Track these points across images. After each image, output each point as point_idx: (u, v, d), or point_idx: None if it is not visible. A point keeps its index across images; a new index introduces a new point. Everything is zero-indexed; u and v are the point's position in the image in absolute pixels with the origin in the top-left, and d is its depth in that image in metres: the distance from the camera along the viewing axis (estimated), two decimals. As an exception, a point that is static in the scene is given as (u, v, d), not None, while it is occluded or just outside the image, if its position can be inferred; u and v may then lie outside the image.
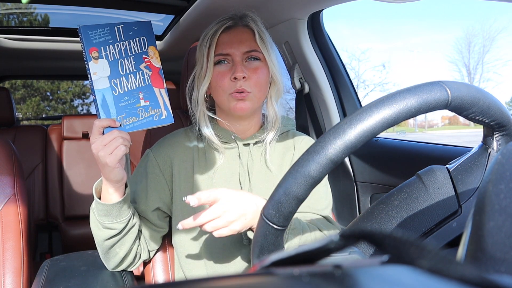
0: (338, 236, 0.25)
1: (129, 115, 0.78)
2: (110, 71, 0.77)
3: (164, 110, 0.81)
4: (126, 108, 0.78)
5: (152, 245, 0.94)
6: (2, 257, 1.00)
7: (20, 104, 13.82)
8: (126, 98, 0.78)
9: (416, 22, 66.72)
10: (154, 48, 0.82)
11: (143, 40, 0.80)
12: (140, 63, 0.80)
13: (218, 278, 0.21)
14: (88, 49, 0.76)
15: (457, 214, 0.51)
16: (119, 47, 0.78)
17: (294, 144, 0.98)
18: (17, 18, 2.13)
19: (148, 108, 0.80)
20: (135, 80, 0.79)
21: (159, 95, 0.81)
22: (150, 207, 0.90)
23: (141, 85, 0.80)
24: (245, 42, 0.87)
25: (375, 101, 0.44)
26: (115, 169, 0.75)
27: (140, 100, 0.79)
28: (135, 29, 0.80)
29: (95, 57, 0.76)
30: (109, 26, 0.77)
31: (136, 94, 0.79)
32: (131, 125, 0.78)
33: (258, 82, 0.87)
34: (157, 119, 0.81)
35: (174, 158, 0.93)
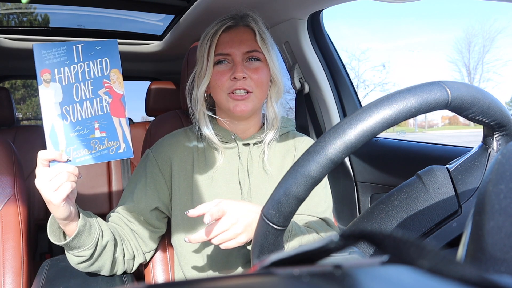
0: (338, 236, 0.25)
1: (80, 147, 0.70)
2: (63, 97, 0.69)
3: (123, 143, 0.73)
4: (78, 139, 0.70)
5: (149, 246, 0.94)
6: (2, 257, 1.00)
7: (20, 104, 13.82)
8: (79, 127, 0.70)
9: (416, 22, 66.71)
10: (118, 71, 0.72)
11: (106, 62, 0.71)
12: (98, 88, 0.71)
13: (218, 278, 0.21)
14: (39, 70, 0.68)
15: (457, 214, 0.51)
16: (76, 70, 0.70)
17: (295, 145, 0.98)
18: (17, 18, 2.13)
19: (104, 140, 0.71)
20: (91, 107, 0.70)
21: (118, 125, 0.72)
22: (149, 206, 0.90)
23: (98, 114, 0.71)
24: (245, 42, 0.87)
25: (375, 101, 0.44)
26: (60, 207, 0.69)
27: (95, 130, 0.71)
28: (97, 49, 0.71)
29: (47, 80, 0.69)
30: (66, 45, 0.69)
31: (90, 123, 0.70)
32: (81, 158, 0.70)
33: (259, 82, 0.87)
34: (113, 153, 0.72)
35: (173, 158, 0.93)
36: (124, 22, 1.80)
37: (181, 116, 1.24)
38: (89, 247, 0.78)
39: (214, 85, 0.88)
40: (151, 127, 1.20)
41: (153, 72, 2.49)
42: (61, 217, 0.72)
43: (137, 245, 0.91)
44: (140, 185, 0.92)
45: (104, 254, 0.83)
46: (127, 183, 0.96)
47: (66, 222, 0.74)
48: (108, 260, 0.84)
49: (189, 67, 1.08)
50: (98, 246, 0.80)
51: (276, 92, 0.92)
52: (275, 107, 0.93)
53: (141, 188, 0.91)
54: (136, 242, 0.91)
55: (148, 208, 0.90)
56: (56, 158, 0.68)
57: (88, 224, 0.78)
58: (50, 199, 0.68)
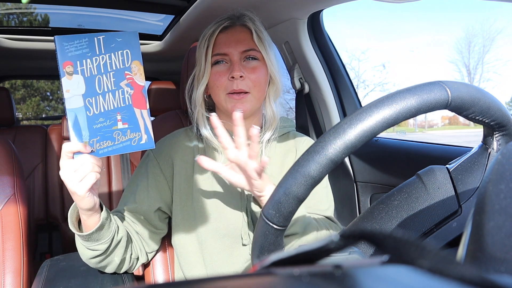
0: (338, 236, 0.25)
1: (103, 139, 0.70)
2: (86, 89, 0.69)
3: (145, 134, 0.73)
4: (101, 131, 0.70)
5: (151, 247, 0.94)
6: (2, 257, 1.00)
7: (20, 104, 13.82)
8: (102, 119, 0.70)
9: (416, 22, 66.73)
10: (139, 63, 0.72)
11: (127, 53, 0.71)
12: (120, 80, 0.71)
13: (218, 278, 0.21)
14: (62, 63, 0.68)
15: (457, 214, 0.51)
16: (98, 62, 0.70)
17: (296, 145, 0.98)
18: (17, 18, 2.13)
19: (126, 132, 0.72)
20: (113, 99, 0.71)
21: (140, 117, 0.73)
22: (152, 207, 0.90)
23: (120, 105, 0.71)
24: (242, 41, 0.87)
25: (375, 101, 0.44)
26: (85, 198, 0.71)
27: (117, 122, 0.71)
28: (118, 40, 0.71)
29: (69, 72, 0.68)
30: (88, 37, 0.69)
31: (113, 115, 0.71)
32: (104, 149, 0.71)
33: (256, 82, 0.87)
34: (135, 144, 0.73)
35: (174, 158, 0.93)
36: (124, 22, 1.80)
37: (181, 116, 1.24)
38: (106, 241, 0.79)
39: (213, 86, 0.88)
40: (151, 127, 1.20)
41: (153, 72, 2.49)
42: (85, 207, 0.73)
43: (141, 245, 0.92)
44: (141, 186, 0.91)
45: (117, 250, 0.84)
46: (128, 184, 0.95)
47: (90, 213, 0.75)
48: (118, 257, 0.85)
49: (189, 67, 1.08)
50: (113, 240, 0.81)
51: (275, 91, 0.92)
52: (273, 106, 0.93)
53: (143, 189, 0.91)
54: (140, 242, 0.91)
55: (151, 209, 0.90)
56: (80, 150, 0.69)
57: (109, 218, 0.80)
58: (75, 190, 0.69)
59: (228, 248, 0.89)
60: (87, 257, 0.83)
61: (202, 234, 0.89)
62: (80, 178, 0.68)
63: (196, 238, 0.90)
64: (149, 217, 0.90)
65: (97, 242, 0.79)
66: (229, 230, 0.88)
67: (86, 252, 0.82)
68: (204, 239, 0.89)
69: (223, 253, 0.89)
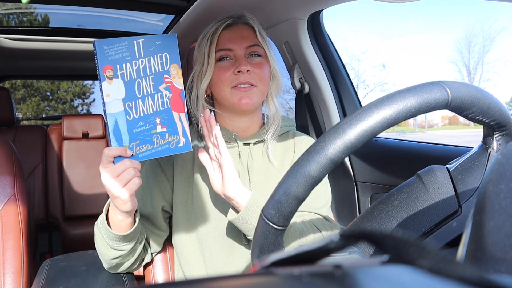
0: (338, 236, 0.25)
1: (142, 142, 0.70)
2: (126, 93, 0.69)
3: (183, 137, 0.73)
4: (140, 135, 0.70)
5: (154, 248, 0.94)
6: (2, 257, 1.00)
7: (20, 104, 13.82)
8: (141, 123, 0.70)
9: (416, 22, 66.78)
10: (178, 66, 0.72)
11: (165, 57, 0.71)
12: (160, 83, 0.71)
13: (218, 278, 0.21)
14: (102, 67, 0.67)
15: (457, 214, 0.51)
16: (138, 65, 0.69)
17: (295, 144, 0.98)
18: (17, 18, 2.13)
19: (165, 135, 0.72)
20: (152, 103, 0.70)
21: (178, 120, 0.73)
22: (156, 208, 0.90)
23: (159, 109, 0.71)
24: (247, 37, 0.88)
25: (375, 101, 0.44)
26: (128, 203, 0.71)
27: (156, 126, 0.71)
28: (157, 44, 0.70)
29: (110, 76, 0.67)
30: (127, 41, 0.68)
31: (152, 119, 0.71)
32: (144, 153, 0.71)
33: (262, 76, 0.88)
34: (173, 147, 0.73)
35: (175, 157, 0.93)
36: (124, 22, 1.80)
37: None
38: (133, 241, 0.81)
39: (217, 81, 0.88)
40: (151, 127, 1.20)
41: (153, 72, 2.49)
42: (126, 210, 0.73)
43: (147, 245, 0.92)
44: (144, 186, 0.91)
45: (136, 250, 0.85)
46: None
47: (128, 215, 0.76)
48: (134, 257, 0.86)
49: (189, 67, 1.08)
50: (138, 240, 0.83)
51: (276, 87, 0.94)
52: (275, 102, 0.94)
53: (146, 190, 0.91)
54: (146, 242, 0.92)
55: (155, 210, 0.90)
56: (122, 154, 0.69)
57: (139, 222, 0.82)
58: (119, 195, 0.69)
59: (228, 247, 0.89)
60: (109, 257, 0.83)
61: (202, 233, 0.90)
62: (124, 183, 0.69)
63: (196, 238, 0.90)
64: (153, 218, 0.91)
65: (125, 243, 0.80)
66: (229, 229, 0.88)
67: (109, 253, 0.82)
68: (204, 239, 0.89)
69: (223, 253, 0.89)
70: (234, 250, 0.89)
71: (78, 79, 7.68)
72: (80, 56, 2.06)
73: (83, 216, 2.22)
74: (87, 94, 16.37)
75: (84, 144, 2.33)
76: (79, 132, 2.33)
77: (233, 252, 0.89)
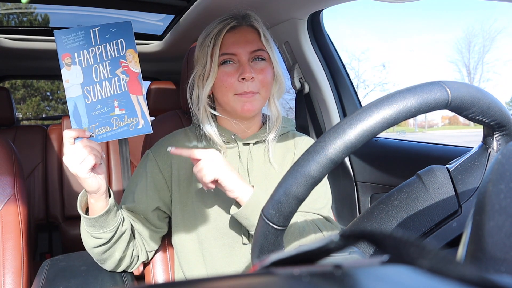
0: (338, 236, 0.25)
1: (102, 125, 0.75)
2: (83, 78, 0.74)
3: (142, 119, 0.76)
4: (99, 117, 0.74)
5: (151, 246, 0.94)
6: (2, 257, 1.00)
7: (20, 104, 13.81)
8: (100, 106, 0.74)
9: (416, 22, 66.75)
10: (133, 51, 0.76)
11: (121, 43, 0.75)
12: (116, 68, 0.75)
13: (218, 278, 0.21)
14: (61, 55, 0.73)
15: (457, 214, 0.51)
16: (94, 52, 0.74)
17: (295, 144, 0.98)
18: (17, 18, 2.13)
19: (124, 117, 0.75)
20: (110, 87, 0.75)
21: (136, 102, 0.76)
22: (150, 206, 0.90)
23: (116, 92, 0.75)
24: (251, 42, 0.87)
25: (375, 101, 0.44)
26: (87, 179, 0.74)
27: (114, 108, 0.75)
28: (112, 31, 0.75)
29: (68, 63, 0.73)
30: (84, 30, 0.74)
31: (110, 102, 0.75)
32: (103, 135, 0.75)
33: (265, 82, 0.87)
34: (133, 129, 0.76)
35: (173, 158, 0.93)
36: (124, 22, 1.79)
37: (181, 116, 1.24)
38: (111, 230, 0.82)
39: (220, 86, 0.87)
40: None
41: (153, 72, 2.49)
42: (90, 189, 0.77)
43: (141, 243, 0.92)
44: (140, 185, 0.92)
45: (120, 241, 0.85)
46: (128, 184, 0.96)
47: (97, 196, 0.78)
48: (120, 250, 0.86)
49: (189, 67, 1.08)
50: (118, 231, 0.84)
51: (278, 90, 0.93)
52: (277, 105, 0.93)
53: (141, 188, 0.91)
54: (141, 240, 0.92)
55: (149, 208, 0.90)
56: (80, 135, 0.73)
57: (116, 206, 0.83)
58: (76, 172, 0.73)
59: (228, 247, 0.89)
60: (90, 246, 0.85)
61: (202, 233, 0.90)
62: (80, 160, 0.72)
63: (196, 238, 0.90)
64: (147, 216, 0.91)
65: (102, 230, 0.81)
66: (229, 229, 0.88)
67: (90, 241, 0.84)
68: (204, 239, 0.89)
69: (223, 252, 0.89)
70: (234, 250, 0.89)
71: (78, 79, 7.65)
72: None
73: (83, 216, 2.22)
74: (87, 94, 16.33)
75: (84, 144, 2.32)
76: (79, 132, 2.33)
77: (233, 252, 0.89)
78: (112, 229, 0.82)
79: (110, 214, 0.81)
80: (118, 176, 2.19)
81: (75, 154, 0.72)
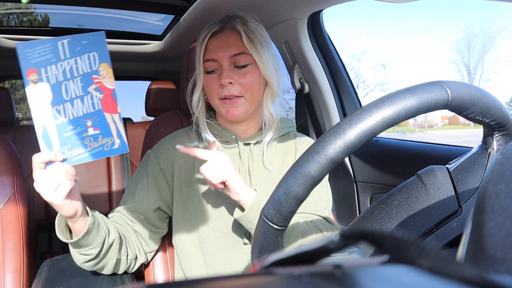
0: (338, 236, 0.25)
1: (74, 146, 0.68)
2: (52, 96, 0.66)
3: (117, 138, 0.70)
4: (71, 139, 0.68)
5: (151, 247, 0.94)
6: (2, 257, 1.00)
7: (20, 104, 13.80)
8: (71, 127, 0.68)
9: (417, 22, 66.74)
10: (107, 65, 0.69)
11: (94, 56, 0.68)
12: (88, 84, 0.68)
13: (218, 278, 0.21)
14: (25, 71, 0.65)
15: (457, 214, 0.51)
16: (64, 67, 0.66)
17: (296, 145, 0.98)
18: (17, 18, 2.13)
19: (98, 137, 0.69)
20: (82, 105, 0.68)
21: (111, 121, 0.70)
22: (151, 206, 0.90)
23: (89, 111, 0.68)
24: (232, 45, 0.86)
25: (375, 101, 0.44)
26: (64, 206, 0.69)
27: (88, 128, 0.68)
28: (83, 43, 0.67)
29: (34, 80, 0.65)
30: (51, 42, 0.66)
31: (83, 122, 0.68)
32: (76, 157, 0.69)
33: (248, 86, 0.86)
34: (108, 149, 0.70)
35: (175, 158, 0.93)
36: (124, 22, 1.80)
37: (181, 116, 1.24)
38: (96, 245, 0.79)
39: (207, 92, 0.90)
40: (151, 127, 1.20)
41: (153, 72, 2.49)
42: (67, 215, 0.72)
43: (139, 245, 0.92)
44: (141, 185, 0.92)
45: (110, 252, 0.83)
46: (128, 184, 0.96)
47: (74, 219, 0.74)
48: (113, 259, 0.84)
49: (189, 67, 1.08)
50: (105, 244, 0.81)
51: (271, 94, 0.91)
52: (270, 108, 0.91)
53: (142, 188, 0.91)
54: (138, 242, 0.91)
55: (150, 208, 0.90)
56: (52, 159, 0.67)
57: (97, 222, 0.79)
58: (51, 200, 0.68)
59: (228, 247, 0.89)
60: (80, 261, 0.82)
61: (202, 233, 0.90)
62: (54, 187, 0.67)
63: (196, 238, 0.90)
64: (148, 216, 0.90)
65: (87, 248, 0.78)
66: (229, 229, 0.88)
67: (78, 257, 0.81)
68: (204, 238, 0.89)
69: (223, 253, 0.89)
70: (234, 250, 0.89)
71: (78, 79, 7.64)
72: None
73: (83, 216, 2.22)
74: (87, 94, 16.36)
75: (84, 144, 2.32)
76: (79, 132, 2.33)
77: (234, 252, 0.89)
78: (97, 244, 0.79)
79: (91, 233, 0.77)
80: (118, 176, 2.20)
81: (48, 180, 0.66)
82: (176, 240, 0.93)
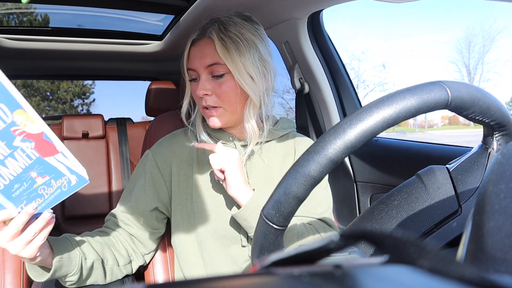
0: (338, 236, 0.25)
1: (30, 200, 0.64)
2: None
3: (72, 175, 0.66)
4: (23, 196, 0.64)
5: (148, 248, 0.93)
6: (2, 257, 1.00)
7: (20, 104, 13.81)
8: (17, 185, 0.63)
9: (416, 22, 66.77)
10: (22, 111, 0.60)
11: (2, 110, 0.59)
12: (11, 139, 0.61)
13: (218, 278, 0.21)
14: None
15: (457, 214, 0.51)
16: None
17: (295, 146, 0.98)
18: (17, 18, 2.13)
19: (50, 182, 0.65)
20: (17, 162, 0.62)
21: (56, 163, 0.64)
22: (149, 206, 0.90)
23: (27, 164, 0.62)
24: (206, 56, 0.83)
25: (375, 101, 0.44)
26: (36, 258, 0.68)
27: (35, 179, 0.64)
28: None
29: None
30: None
31: (27, 176, 0.63)
32: (38, 207, 0.65)
33: (224, 96, 0.84)
34: (66, 189, 0.66)
35: (173, 158, 0.93)
36: (124, 22, 1.80)
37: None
38: (73, 273, 0.77)
39: (194, 98, 0.91)
40: (151, 127, 1.20)
41: (153, 72, 2.49)
42: (34, 262, 0.70)
43: (134, 248, 0.91)
44: (139, 185, 0.92)
45: (94, 272, 0.82)
46: (127, 184, 0.96)
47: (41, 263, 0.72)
48: (100, 275, 0.84)
49: (189, 67, 1.08)
50: (83, 269, 0.79)
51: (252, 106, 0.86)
52: (251, 121, 0.87)
53: (140, 188, 0.91)
54: (133, 245, 0.91)
55: (147, 208, 0.90)
56: (10, 215, 0.63)
57: (66, 256, 0.76)
58: (23, 255, 0.65)
59: (227, 248, 0.89)
60: (68, 285, 0.81)
61: (201, 234, 0.89)
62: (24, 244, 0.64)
63: (195, 238, 0.90)
64: (145, 217, 0.90)
65: (65, 277, 0.77)
66: (228, 230, 0.88)
67: (63, 284, 0.81)
68: (203, 239, 0.89)
69: (222, 253, 0.89)
70: (233, 251, 0.89)
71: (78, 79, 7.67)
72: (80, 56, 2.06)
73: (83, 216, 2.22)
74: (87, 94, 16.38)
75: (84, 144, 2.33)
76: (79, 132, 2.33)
77: (232, 253, 0.89)
78: (74, 272, 0.77)
79: (62, 268, 0.75)
80: (118, 176, 2.20)
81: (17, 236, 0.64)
82: (175, 241, 0.93)
